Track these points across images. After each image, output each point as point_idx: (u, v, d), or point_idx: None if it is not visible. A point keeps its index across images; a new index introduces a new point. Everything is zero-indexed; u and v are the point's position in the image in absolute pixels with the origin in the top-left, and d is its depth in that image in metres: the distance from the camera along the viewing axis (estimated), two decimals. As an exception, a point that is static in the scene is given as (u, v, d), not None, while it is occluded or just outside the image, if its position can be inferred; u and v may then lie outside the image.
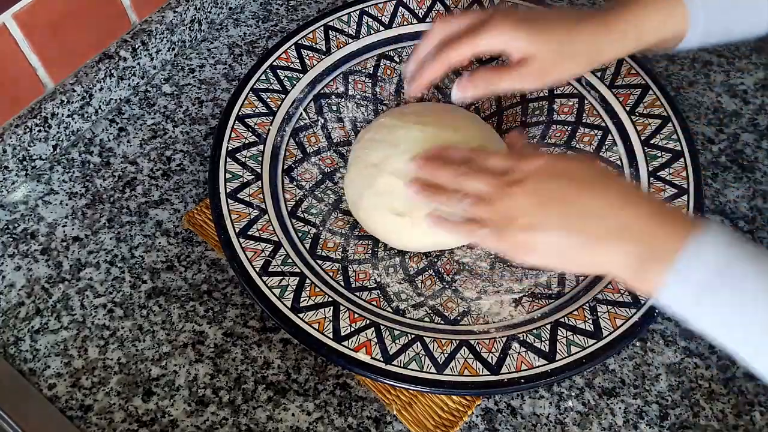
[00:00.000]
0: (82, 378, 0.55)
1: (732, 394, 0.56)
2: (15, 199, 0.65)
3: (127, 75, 0.71)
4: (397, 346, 0.50)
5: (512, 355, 0.49)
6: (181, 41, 0.76)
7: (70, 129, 0.68)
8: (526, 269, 0.56)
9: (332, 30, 0.66)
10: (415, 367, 0.49)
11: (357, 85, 0.67)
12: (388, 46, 0.68)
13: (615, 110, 0.62)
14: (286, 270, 0.53)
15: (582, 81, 0.64)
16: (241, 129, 0.60)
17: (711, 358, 0.57)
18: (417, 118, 0.59)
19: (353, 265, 0.57)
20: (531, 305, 0.54)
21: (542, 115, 0.65)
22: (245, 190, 0.57)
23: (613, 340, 0.50)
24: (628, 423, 0.54)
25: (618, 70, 0.63)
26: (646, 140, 0.59)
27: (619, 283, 0.52)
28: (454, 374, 0.48)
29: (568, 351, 0.49)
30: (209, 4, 0.76)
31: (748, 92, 0.73)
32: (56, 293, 0.60)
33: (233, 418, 0.54)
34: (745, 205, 0.66)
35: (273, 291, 0.52)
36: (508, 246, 0.46)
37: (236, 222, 0.55)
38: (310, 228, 0.59)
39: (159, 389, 0.55)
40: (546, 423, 0.54)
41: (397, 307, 0.54)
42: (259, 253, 0.54)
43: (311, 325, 0.50)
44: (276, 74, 0.63)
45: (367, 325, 0.51)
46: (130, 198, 0.66)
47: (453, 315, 0.54)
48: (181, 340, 0.57)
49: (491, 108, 0.67)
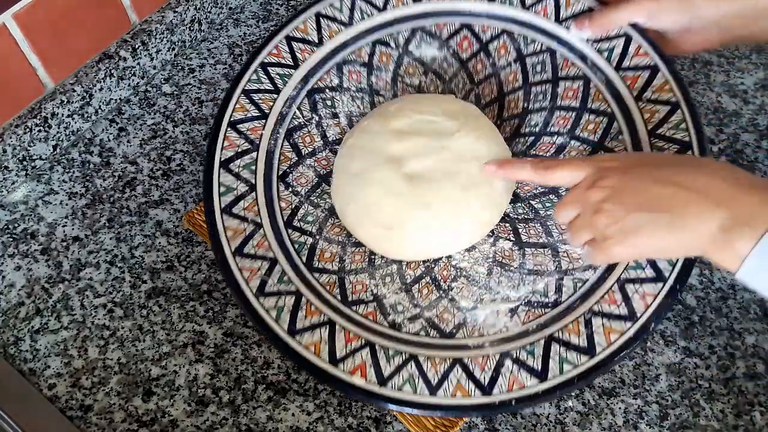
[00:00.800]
0: (82, 378, 0.55)
1: (732, 394, 0.56)
2: (15, 199, 0.65)
3: (127, 75, 0.71)
4: (392, 366, 0.50)
5: (504, 374, 0.50)
6: (181, 41, 0.76)
7: (70, 129, 0.68)
8: (524, 276, 0.55)
9: (324, 18, 0.63)
10: (408, 389, 0.49)
11: (352, 75, 0.64)
12: (383, 30, 0.64)
13: (621, 95, 0.58)
14: (283, 289, 0.53)
15: (587, 61, 0.61)
16: (234, 136, 0.58)
17: (711, 358, 0.57)
18: (399, 122, 0.58)
19: (350, 276, 0.57)
20: (527, 315, 0.53)
21: (545, 100, 0.62)
22: (240, 203, 0.56)
23: (605, 357, 0.50)
24: (628, 423, 0.54)
25: (626, 50, 0.59)
26: (653, 130, 0.56)
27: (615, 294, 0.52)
28: (447, 397, 0.49)
29: (561, 369, 0.49)
30: (209, 4, 0.76)
31: (748, 92, 0.73)
32: (56, 293, 0.60)
33: (233, 418, 0.54)
34: (745, 205, 0.66)
35: (270, 313, 0.51)
36: (610, 260, 0.49)
37: (232, 240, 0.54)
38: (307, 238, 0.58)
39: (159, 389, 0.55)
40: (546, 423, 0.54)
41: (393, 321, 0.54)
42: (255, 272, 0.53)
43: (308, 349, 0.50)
44: (267, 72, 0.61)
45: (362, 345, 0.51)
46: (130, 198, 0.66)
47: (449, 327, 0.54)
48: (181, 340, 0.58)
49: (492, 94, 0.65)
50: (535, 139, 0.62)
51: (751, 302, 0.60)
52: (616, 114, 0.59)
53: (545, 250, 0.57)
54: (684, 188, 0.43)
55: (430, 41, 0.65)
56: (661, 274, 0.50)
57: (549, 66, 0.62)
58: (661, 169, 0.45)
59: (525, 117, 0.63)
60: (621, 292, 0.51)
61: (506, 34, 0.64)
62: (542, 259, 0.56)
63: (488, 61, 0.65)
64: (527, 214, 0.59)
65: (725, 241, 0.41)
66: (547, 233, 0.58)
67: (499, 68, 0.65)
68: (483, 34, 0.65)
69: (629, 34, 0.58)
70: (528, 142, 0.62)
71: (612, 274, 0.52)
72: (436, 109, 0.59)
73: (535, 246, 0.57)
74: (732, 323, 0.59)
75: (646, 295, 0.50)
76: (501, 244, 0.57)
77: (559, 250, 0.56)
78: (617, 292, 0.51)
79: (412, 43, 0.65)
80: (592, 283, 0.53)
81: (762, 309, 0.60)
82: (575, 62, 0.61)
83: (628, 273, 0.51)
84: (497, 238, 0.57)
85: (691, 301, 0.60)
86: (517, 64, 0.64)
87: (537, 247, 0.57)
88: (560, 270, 0.55)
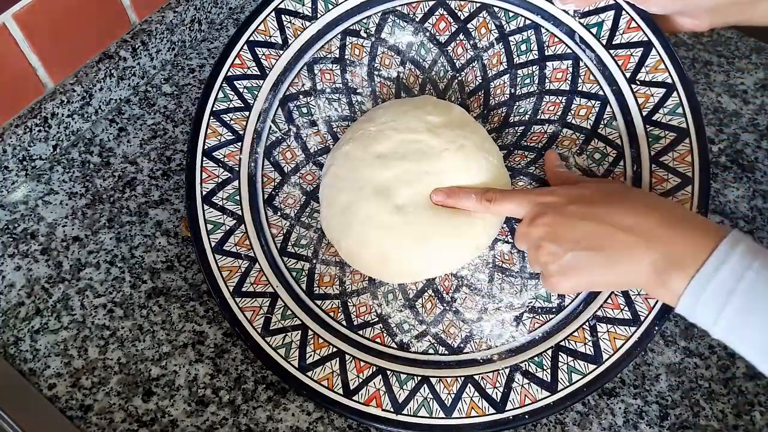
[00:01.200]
0: (82, 378, 0.55)
1: (732, 394, 0.56)
2: (15, 199, 0.65)
3: (127, 75, 0.71)
4: (405, 392, 0.51)
5: (516, 389, 0.51)
6: (181, 41, 0.76)
7: (70, 129, 0.68)
8: (525, 280, 0.55)
9: (285, 14, 0.58)
10: (424, 413, 0.50)
11: (324, 75, 0.60)
12: (351, 18, 0.60)
13: (614, 76, 0.55)
14: (287, 324, 0.53)
15: (575, 37, 0.56)
16: (211, 166, 0.56)
17: (711, 358, 0.57)
18: (381, 146, 0.55)
19: (352, 298, 0.56)
20: (532, 323, 0.54)
21: (533, 84, 0.59)
22: (230, 239, 0.54)
23: (611, 365, 0.50)
24: (628, 423, 0.54)
25: (616, 24, 0.55)
26: (648, 116, 0.54)
27: (619, 296, 0.52)
28: (462, 416, 0.50)
29: (570, 379, 0.50)
30: (209, 4, 0.76)
31: (748, 92, 0.73)
32: (56, 293, 0.60)
33: (233, 418, 0.54)
34: (745, 205, 0.66)
35: (278, 351, 0.52)
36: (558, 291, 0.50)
37: (228, 280, 0.53)
38: (303, 263, 0.57)
39: (159, 389, 0.55)
40: (546, 423, 0.54)
41: (401, 341, 0.54)
42: (257, 310, 0.53)
43: (321, 384, 0.51)
44: (233, 86, 0.57)
45: (373, 374, 0.52)
46: (130, 198, 0.66)
47: (456, 342, 0.54)
48: (181, 340, 0.57)
49: (476, 80, 0.61)
50: (525, 128, 0.59)
51: (751, 302, 0.60)
52: (609, 97, 0.56)
53: None
54: (617, 228, 0.44)
55: (404, 25, 0.60)
56: None
57: (534, 44, 0.58)
58: (596, 206, 0.46)
59: (513, 104, 0.60)
60: (623, 296, 0.51)
61: (485, 9, 0.59)
62: None
63: (469, 42, 0.60)
64: None
65: (660, 280, 0.42)
66: None
67: (481, 50, 0.60)
68: (460, 12, 0.60)
69: (620, 5, 0.54)
70: (518, 132, 0.59)
71: None
72: (418, 125, 0.55)
73: None
74: (732, 323, 0.59)
75: (648, 298, 0.50)
76: (500, 247, 0.57)
77: None
78: (620, 295, 0.51)
79: (385, 30, 0.60)
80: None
81: (762, 309, 0.60)
82: (562, 38, 0.57)
83: None
84: (495, 240, 0.57)
85: (691, 301, 0.60)
86: (500, 45, 0.59)
87: None
88: None
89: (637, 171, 0.54)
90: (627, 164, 0.55)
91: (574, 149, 0.57)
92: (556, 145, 0.58)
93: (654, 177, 0.53)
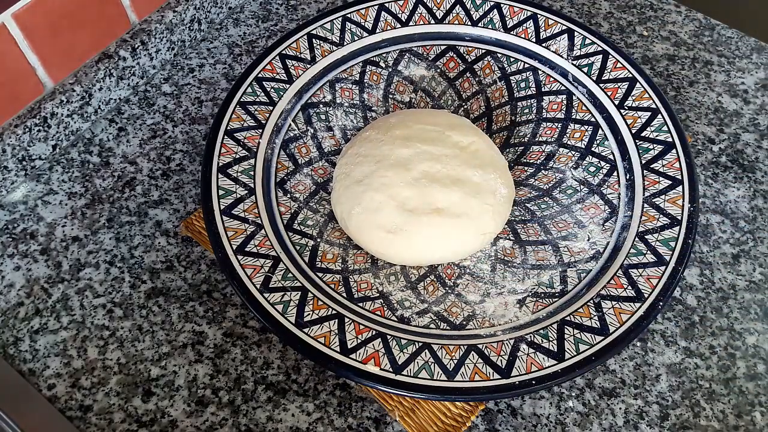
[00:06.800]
0: (82, 378, 0.55)
1: (732, 394, 0.56)
2: (14, 199, 0.65)
3: (126, 75, 0.71)
4: (406, 355, 0.49)
5: (521, 357, 0.49)
6: (181, 41, 0.76)
7: (69, 129, 0.68)
8: (528, 270, 0.55)
9: (316, 38, 0.66)
10: (425, 375, 0.48)
11: (344, 92, 0.66)
12: (372, 52, 0.67)
13: (604, 105, 0.62)
14: (287, 285, 0.53)
15: (569, 77, 0.64)
16: (231, 144, 0.59)
17: (711, 359, 0.57)
18: (401, 131, 0.59)
19: (354, 275, 0.56)
20: (536, 305, 0.53)
21: (531, 113, 0.65)
22: (239, 205, 0.56)
23: (620, 335, 0.49)
24: (628, 423, 0.54)
25: (604, 65, 0.63)
26: (637, 133, 0.60)
27: (621, 279, 0.52)
28: (465, 380, 0.48)
29: (577, 349, 0.49)
30: (209, 4, 0.76)
31: (749, 92, 0.73)
32: (56, 293, 0.60)
33: (233, 418, 0.54)
34: (745, 205, 0.65)
35: (276, 307, 0.51)
36: None
37: (233, 239, 0.54)
38: (308, 240, 0.58)
39: (159, 389, 0.55)
40: (546, 423, 0.54)
41: (402, 316, 0.54)
42: (258, 269, 0.53)
43: (317, 340, 0.49)
44: (262, 86, 0.62)
45: (373, 336, 0.50)
46: (129, 198, 0.66)
47: (458, 320, 0.53)
48: (180, 341, 0.57)
49: (480, 109, 0.68)
50: (524, 148, 0.65)
51: (752, 302, 0.60)
52: (600, 122, 0.62)
53: (546, 246, 0.57)
54: None
55: (418, 62, 0.68)
56: (661, 258, 0.52)
57: (533, 82, 0.66)
58: None
59: (513, 129, 0.66)
60: (626, 277, 0.52)
61: (490, 55, 0.67)
62: (544, 255, 0.56)
63: (474, 79, 0.68)
64: (524, 216, 0.60)
65: None
66: (546, 231, 0.58)
67: (485, 86, 0.68)
68: (468, 55, 0.68)
69: (606, 51, 0.64)
70: (518, 152, 0.65)
71: (614, 262, 0.53)
72: (436, 120, 0.61)
73: (535, 243, 0.57)
74: (732, 323, 0.59)
75: (650, 278, 0.51)
76: (501, 244, 0.57)
77: (560, 246, 0.56)
78: (622, 277, 0.52)
79: (401, 64, 0.68)
80: (596, 272, 0.54)
81: (762, 309, 0.60)
82: (557, 78, 0.65)
83: (630, 260, 0.52)
84: (497, 238, 0.57)
85: (692, 301, 0.60)
86: (502, 82, 0.67)
87: (537, 245, 0.57)
88: (563, 263, 0.55)
89: (630, 179, 0.58)
90: (620, 174, 0.59)
91: (571, 164, 0.62)
92: (554, 161, 0.63)
93: (646, 180, 0.57)
